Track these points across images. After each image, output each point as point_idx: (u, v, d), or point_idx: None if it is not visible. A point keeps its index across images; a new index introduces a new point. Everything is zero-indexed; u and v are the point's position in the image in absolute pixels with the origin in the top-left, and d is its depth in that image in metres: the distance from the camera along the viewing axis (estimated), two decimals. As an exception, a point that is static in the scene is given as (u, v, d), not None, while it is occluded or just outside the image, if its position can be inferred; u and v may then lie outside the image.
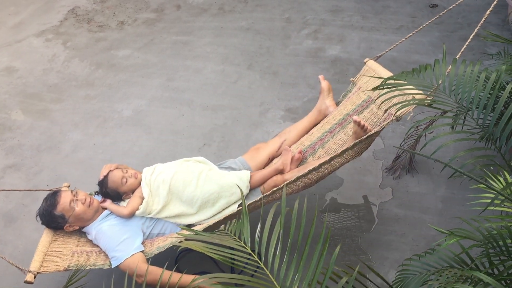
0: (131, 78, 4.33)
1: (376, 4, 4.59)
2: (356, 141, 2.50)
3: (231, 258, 1.71)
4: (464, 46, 2.53)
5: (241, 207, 2.41)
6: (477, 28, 2.47)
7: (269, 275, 1.55)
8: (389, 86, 2.23)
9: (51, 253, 2.55)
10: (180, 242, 1.71)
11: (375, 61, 2.98)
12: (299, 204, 1.69)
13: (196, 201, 2.59)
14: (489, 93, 2.04)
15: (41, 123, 4.02)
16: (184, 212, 2.62)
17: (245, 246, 1.74)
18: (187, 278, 2.22)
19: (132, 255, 2.43)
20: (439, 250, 1.94)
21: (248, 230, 1.80)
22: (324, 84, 3.03)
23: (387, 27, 4.34)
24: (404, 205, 3.06)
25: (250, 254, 1.70)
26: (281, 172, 2.70)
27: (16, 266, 2.42)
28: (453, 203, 3.02)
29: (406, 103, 2.13)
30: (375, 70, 2.88)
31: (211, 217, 2.61)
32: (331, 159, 2.48)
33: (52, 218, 2.58)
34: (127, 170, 2.71)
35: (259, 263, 1.63)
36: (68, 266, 2.50)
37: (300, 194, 3.18)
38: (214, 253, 1.69)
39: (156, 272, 2.32)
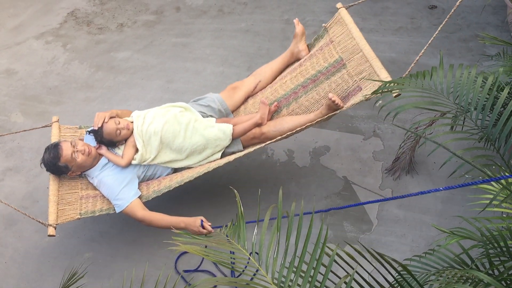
0: (131, 80, 4.33)
1: (375, 6, 4.59)
2: (330, 114, 2.84)
3: (228, 262, 1.71)
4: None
5: (225, 156, 2.97)
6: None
7: (267, 277, 1.55)
8: (386, 90, 2.24)
9: (62, 201, 2.90)
10: (172, 244, 1.73)
11: (346, 9, 3.14)
12: (296, 206, 1.69)
13: (185, 150, 2.96)
14: (487, 95, 2.05)
15: (41, 125, 4.01)
16: (174, 159, 2.99)
17: (241, 249, 1.74)
18: (174, 220, 2.75)
19: (131, 201, 2.83)
20: (439, 250, 1.95)
21: (245, 233, 1.80)
22: (299, 28, 3.23)
23: (386, 28, 4.34)
24: (404, 206, 3.06)
25: (247, 257, 1.70)
26: (259, 125, 3.01)
27: (37, 221, 2.77)
28: (453, 204, 3.02)
29: (406, 105, 2.14)
30: (347, 25, 3.07)
31: (198, 162, 3.00)
32: (306, 126, 2.87)
33: (57, 168, 2.88)
34: (119, 122, 2.96)
35: (257, 265, 1.63)
36: (80, 214, 2.88)
37: (297, 196, 3.19)
38: (211, 257, 1.69)
39: (152, 216, 2.81)
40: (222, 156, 3.01)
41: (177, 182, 2.88)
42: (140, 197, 2.90)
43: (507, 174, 1.88)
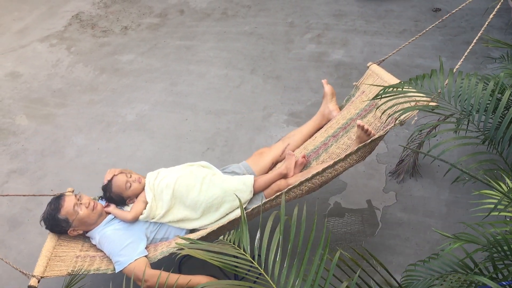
0: (135, 83, 4.34)
1: (379, 8, 4.59)
2: (360, 145, 2.49)
3: (232, 265, 1.71)
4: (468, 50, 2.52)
5: (245, 212, 2.44)
6: (480, 32, 2.47)
7: (270, 281, 1.55)
8: (390, 94, 2.23)
9: (54, 257, 2.56)
10: (179, 249, 1.70)
11: (378, 65, 2.98)
12: (298, 210, 1.68)
13: (200, 205, 2.59)
14: (489, 99, 2.04)
15: (45, 128, 4.03)
16: (187, 217, 2.62)
17: (244, 253, 1.74)
18: (196, 279, 2.31)
19: (135, 259, 2.43)
20: (443, 255, 1.94)
21: (248, 237, 1.79)
22: (328, 88, 3.03)
23: (390, 31, 4.34)
24: (408, 209, 3.05)
25: (250, 261, 1.70)
26: (284, 176, 2.71)
27: (20, 271, 2.42)
28: (457, 207, 3.01)
29: (409, 107, 2.13)
30: (378, 74, 2.88)
31: (215, 221, 2.60)
32: (335, 163, 2.47)
33: (56, 222, 2.58)
34: (131, 175, 2.70)
35: (260, 270, 1.63)
36: (72, 270, 2.50)
37: (300, 199, 3.18)
38: (215, 260, 1.68)
39: (161, 276, 2.28)
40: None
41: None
42: (146, 257, 2.51)
43: (508, 179, 1.87)
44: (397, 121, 2.49)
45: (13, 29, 5.16)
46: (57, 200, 2.60)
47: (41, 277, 2.43)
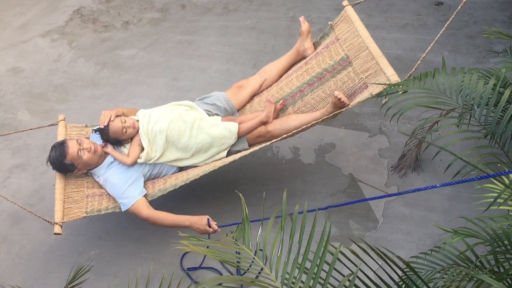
0: (136, 78, 4.34)
1: (381, 2, 4.57)
2: (336, 111, 2.83)
3: (234, 261, 1.71)
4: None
5: (231, 154, 2.96)
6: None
7: (271, 275, 1.56)
8: (394, 92, 2.23)
9: (68, 199, 2.91)
10: (179, 244, 1.73)
11: (352, 7, 3.12)
12: (300, 205, 1.69)
13: (191, 149, 2.95)
14: (490, 94, 2.04)
15: (47, 123, 4.03)
16: (180, 157, 2.99)
17: (246, 249, 1.74)
18: (179, 218, 2.77)
19: (136, 200, 2.83)
20: (445, 248, 1.94)
21: (250, 233, 1.81)
22: (304, 26, 3.22)
23: (392, 25, 4.32)
24: (410, 204, 3.05)
25: (251, 256, 1.70)
26: (264, 123, 3.00)
27: (44, 219, 2.77)
28: (459, 201, 3.01)
29: (410, 105, 2.14)
30: (354, 23, 3.05)
31: (203, 161, 3.00)
32: (312, 124, 2.85)
33: (63, 165, 2.89)
34: (125, 120, 2.95)
35: (261, 264, 1.63)
36: (86, 212, 2.89)
37: (302, 194, 3.18)
38: (217, 256, 1.69)
39: (157, 215, 2.81)
40: (228, 154, 3.01)
41: (183, 180, 2.87)
42: (145, 195, 2.90)
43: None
44: (368, 94, 2.72)
45: (15, 24, 5.15)
46: (61, 146, 2.87)
47: (63, 223, 2.79)
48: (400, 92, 2.52)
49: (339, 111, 2.85)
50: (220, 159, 3.00)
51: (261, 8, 4.78)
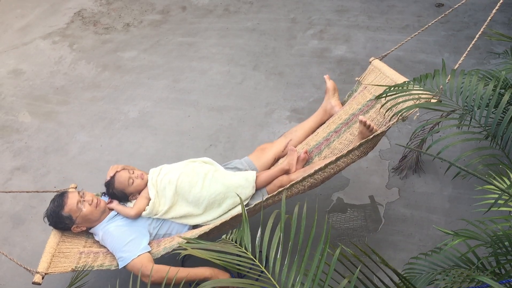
0: (137, 80, 4.34)
1: (382, 4, 4.58)
2: (362, 141, 2.48)
3: (234, 263, 1.71)
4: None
5: (247, 208, 2.43)
6: (483, 26, 2.46)
7: (271, 278, 1.55)
8: (393, 92, 2.23)
9: (58, 254, 2.57)
10: (179, 247, 1.70)
11: (380, 60, 2.98)
12: (299, 207, 1.68)
13: (203, 201, 2.60)
14: (491, 95, 2.04)
15: (48, 125, 4.04)
16: (190, 213, 2.63)
17: (246, 252, 1.74)
18: (199, 270, 2.34)
19: (138, 255, 2.42)
20: (446, 249, 1.94)
21: (249, 235, 1.79)
22: (329, 83, 3.03)
23: (393, 27, 4.33)
24: (411, 205, 3.05)
25: (251, 259, 1.70)
26: (287, 172, 2.71)
27: (24, 268, 2.44)
28: (460, 203, 3.00)
29: (411, 106, 2.13)
30: (380, 70, 2.88)
31: (217, 217, 2.61)
32: (337, 159, 2.46)
33: (60, 219, 2.58)
34: (133, 171, 2.72)
35: (261, 267, 1.63)
36: (75, 266, 2.51)
37: (302, 195, 3.18)
38: (217, 259, 1.69)
39: (162, 270, 2.32)
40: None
41: (192, 236, 2.48)
42: (149, 252, 2.49)
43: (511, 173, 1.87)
44: (399, 117, 2.48)
45: (16, 26, 5.16)
46: (61, 197, 2.60)
47: (45, 274, 2.44)
48: (435, 106, 2.36)
49: (365, 139, 2.49)
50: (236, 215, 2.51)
51: (262, 9, 4.79)
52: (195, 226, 2.66)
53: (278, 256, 1.62)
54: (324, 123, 3.02)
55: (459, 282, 1.71)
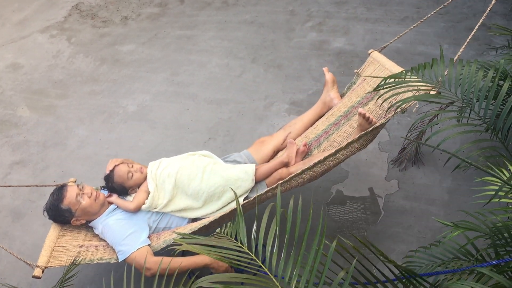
0: (136, 73, 4.33)
1: (381, -5, 4.56)
2: (362, 133, 2.47)
3: (229, 259, 1.70)
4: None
5: (247, 200, 2.46)
6: (482, 18, 2.44)
7: (268, 272, 1.55)
8: (392, 84, 2.23)
9: (58, 247, 2.57)
10: (174, 243, 1.70)
11: (379, 52, 2.97)
12: (294, 199, 1.67)
13: (202, 194, 2.60)
14: (489, 87, 2.03)
15: (46, 119, 4.03)
16: (190, 206, 2.63)
17: (241, 246, 1.73)
18: (195, 259, 2.37)
19: (138, 249, 2.43)
20: (445, 242, 1.94)
21: (244, 230, 1.79)
22: (329, 76, 3.02)
23: (392, 19, 4.31)
24: (410, 197, 3.05)
25: (247, 253, 1.70)
26: (286, 165, 2.71)
27: (24, 261, 2.45)
28: (460, 195, 3.01)
29: (409, 97, 2.13)
30: (379, 62, 2.87)
31: (217, 210, 2.62)
32: (336, 151, 2.46)
33: (59, 212, 2.58)
34: (132, 165, 2.71)
35: (257, 261, 1.63)
36: (75, 260, 2.51)
37: (301, 187, 3.18)
38: (213, 254, 1.68)
39: (164, 261, 2.31)
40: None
41: (192, 229, 2.48)
42: (149, 246, 2.51)
43: (511, 165, 1.87)
44: (398, 109, 2.47)
45: (13, 20, 5.14)
46: (60, 191, 2.60)
47: (45, 267, 2.45)
48: (433, 98, 2.35)
49: (364, 132, 2.48)
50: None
51: (260, 2, 4.77)
52: (194, 220, 2.66)
53: (274, 250, 1.61)
54: (323, 115, 3.01)
55: (458, 274, 1.71)
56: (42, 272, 2.44)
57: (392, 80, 2.29)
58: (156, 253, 2.47)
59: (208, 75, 4.18)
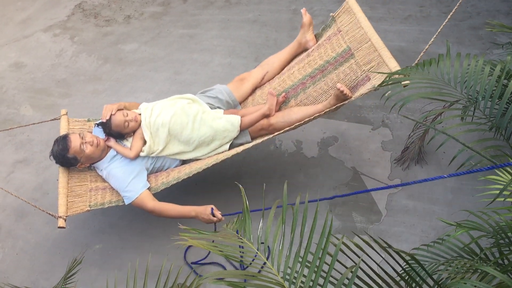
0: (139, 72, 4.33)
1: (384, -6, 4.54)
2: (338, 104, 2.83)
3: (236, 256, 1.71)
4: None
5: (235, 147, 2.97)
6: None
7: (273, 269, 1.55)
8: (395, 80, 2.22)
9: (71, 193, 2.93)
10: (180, 239, 1.73)
11: None
12: (302, 197, 1.68)
13: (193, 142, 2.97)
14: (495, 85, 2.02)
15: (49, 118, 4.03)
16: (182, 150, 3.01)
17: (247, 242, 1.74)
18: (184, 209, 2.79)
19: (140, 193, 2.85)
20: (449, 240, 1.94)
21: (250, 226, 1.80)
22: (306, 18, 3.22)
23: (395, 17, 4.30)
24: (413, 196, 3.05)
25: (253, 250, 1.70)
26: (267, 116, 3.01)
27: (48, 213, 2.79)
28: (463, 194, 3.00)
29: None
30: (356, 15, 3.03)
31: (206, 154, 3.02)
32: (315, 117, 2.84)
33: (66, 159, 2.91)
34: (127, 114, 2.98)
35: (263, 258, 1.63)
36: (89, 206, 2.90)
37: (304, 187, 3.18)
38: (219, 250, 1.69)
39: (162, 206, 2.83)
40: (230, 147, 3.02)
41: (186, 173, 2.88)
42: (149, 188, 2.91)
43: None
44: (371, 86, 2.71)
45: (16, 19, 5.15)
46: (64, 141, 2.88)
47: (66, 216, 2.80)
48: (404, 85, 2.49)
49: (341, 103, 2.84)
50: (222, 152, 3.01)
51: (263, 1, 4.76)
52: (185, 161, 3.07)
53: (280, 247, 1.62)
54: (299, 55, 3.27)
55: (462, 272, 1.71)
56: (65, 221, 2.77)
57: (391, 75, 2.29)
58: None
59: (211, 74, 4.18)
